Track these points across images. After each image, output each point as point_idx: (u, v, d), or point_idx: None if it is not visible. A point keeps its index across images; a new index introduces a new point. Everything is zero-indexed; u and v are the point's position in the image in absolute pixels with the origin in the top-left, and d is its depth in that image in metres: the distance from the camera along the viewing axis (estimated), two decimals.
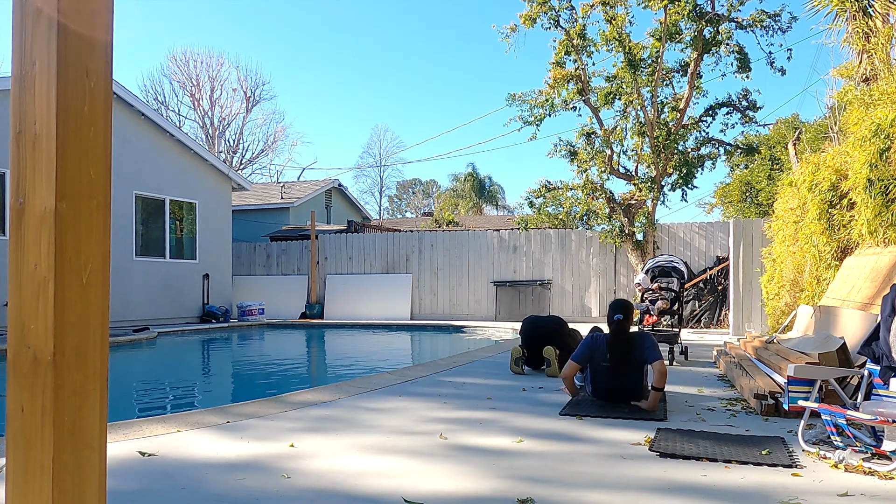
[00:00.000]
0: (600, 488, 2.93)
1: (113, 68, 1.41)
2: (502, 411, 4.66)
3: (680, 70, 14.85)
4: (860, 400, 3.68)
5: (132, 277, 13.63)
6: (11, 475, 1.37)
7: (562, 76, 14.90)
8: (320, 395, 5.22)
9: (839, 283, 6.71)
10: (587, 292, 15.31)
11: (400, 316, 16.27)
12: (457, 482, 3.01)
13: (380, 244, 17.11)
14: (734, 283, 11.21)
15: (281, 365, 9.97)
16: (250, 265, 18.23)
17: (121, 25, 17.44)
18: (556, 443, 3.77)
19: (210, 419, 4.28)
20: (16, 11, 1.38)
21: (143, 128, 14.11)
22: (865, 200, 5.94)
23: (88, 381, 1.35)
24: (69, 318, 1.32)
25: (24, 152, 1.36)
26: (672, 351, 7.41)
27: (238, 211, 20.03)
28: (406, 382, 5.94)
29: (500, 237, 16.15)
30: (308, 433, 3.95)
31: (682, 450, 3.51)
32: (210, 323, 14.68)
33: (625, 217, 14.74)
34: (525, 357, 6.74)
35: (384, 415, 4.51)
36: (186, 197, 15.18)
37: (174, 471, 3.15)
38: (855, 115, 6.49)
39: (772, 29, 14.11)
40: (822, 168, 7.61)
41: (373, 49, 63.66)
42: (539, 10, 14.64)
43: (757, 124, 15.30)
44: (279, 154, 56.27)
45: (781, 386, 4.62)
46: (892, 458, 3.15)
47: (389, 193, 52.13)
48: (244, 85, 35.73)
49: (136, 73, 53.88)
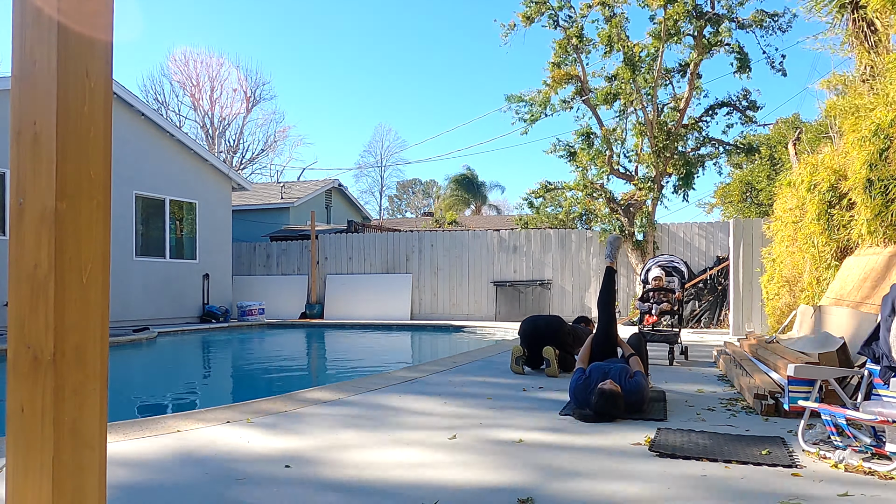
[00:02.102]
0: (600, 488, 2.93)
1: (113, 68, 1.41)
2: (502, 411, 4.66)
3: (679, 70, 14.85)
4: (860, 400, 3.68)
5: (132, 277, 13.63)
6: (11, 475, 1.37)
7: (560, 76, 14.91)
8: (320, 395, 5.24)
9: (839, 283, 6.71)
10: (587, 292, 15.31)
11: (400, 316, 16.27)
12: (457, 481, 3.01)
13: (380, 244, 17.11)
14: (734, 283, 11.21)
15: (281, 365, 9.97)
16: (250, 265, 18.23)
17: (121, 25, 17.43)
18: (555, 442, 3.77)
19: (208, 416, 4.30)
20: (16, 11, 1.38)
21: (143, 128, 14.11)
22: (865, 200, 5.94)
23: (88, 381, 1.36)
24: (69, 318, 1.32)
25: (24, 152, 1.36)
26: (672, 351, 7.42)
27: (238, 211, 20.02)
28: (406, 382, 5.94)
29: (500, 237, 16.15)
30: (307, 431, 3.96)
31: (682, 450, 3.51)
32: (210, 323, 14.68)
33: (625, 217, 14.74)
34: (525, 357, 6.74)
35: (384, 415, 4.52)
36: (186, 197, 15.18)
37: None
38: (848, 123, 6.53)
39: (772, 29, 14.11)
40: (820, 168, 7.62)
41: (373, 49, 63.68)
42: (537, 10, 14.65)
43: (757, 124, 15.30)
44: (280, 154, 56.23)
45: (781, 386, 4.62)
46: (892, 458, 3.15)
47: (389, 193, 52.18)
48: (244, 85, 35.75)
49: (136, 73, 53.89)
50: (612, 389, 4.36)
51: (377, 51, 64.08)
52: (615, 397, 4.35)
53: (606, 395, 4.33)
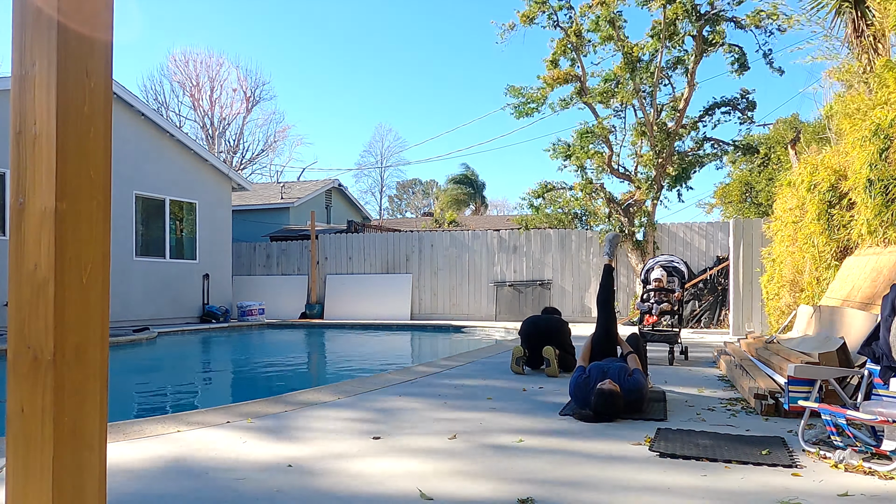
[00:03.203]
0: (600, 488, 2.93)
1: (113, 68, 1.41)
2: (502, 411, 4.66)
3: (679, 70, 14.85)
4: (860, 400, 3.67)
5: (132, 277, 13.62)
6: (11, 475, 1.37)
7: (559, 76, 14.90)
8: (320, 396, 5.24)
9: (839, 283, 6.71)
10: (587, 292, 15.31)
11: (400, 316, 16.27)
12: (457, 481, 3.00)
13: (380, 244, 17.11)
14: (734, 283, 11.21)
15: (281, 365, 9.97)
16: (250, 265, 18.23)
17: (121, 25, 17.43)
18: (556, 442, 3.77)
19: (210, 419, 4.29)
20: (16, 11, 1.38)
21: (143, 128, 14.10)
22: (865, 200, 5.94)
23: (88, 381, 1.36)
24: (69, 318, 1.32)
25: (24, 152, 1.36)
26: (672, 351, 7.42)
27: (238, 211, 20.02)
28: (406, 382, 5.94)
29: (500, 237, 16.15)
30: (305, 435, 3.96)
31: (682, 450, 3.51)
32: (210, 323, 14.68)
33: (624, 217, 14.74)
34: (526, 357, 6.74)
35: (383, 416, 4.52)
36: (186, 197, 15.17)
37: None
38: (846, 123, 6.53)
39: (770, 29, 14.10)
40: (820, 168, 7.62)
41: (373, 49, 63.68)
42: (537, 10, 14.65)
43: (756, 124, 15.30)
44: (280, 154, 56.22)
45: (781, 386, 4.62)
46: (892, 458, 3.15)
47: (389, 193, 52.17)
48: (244, 85, 35.76)
49: (136, 74, 53.87)
50: (611, 389, 4.36)
51: (377, 51, 64.11)
52: (614, 397, 4.35)
53: (605, 395, 4.33)
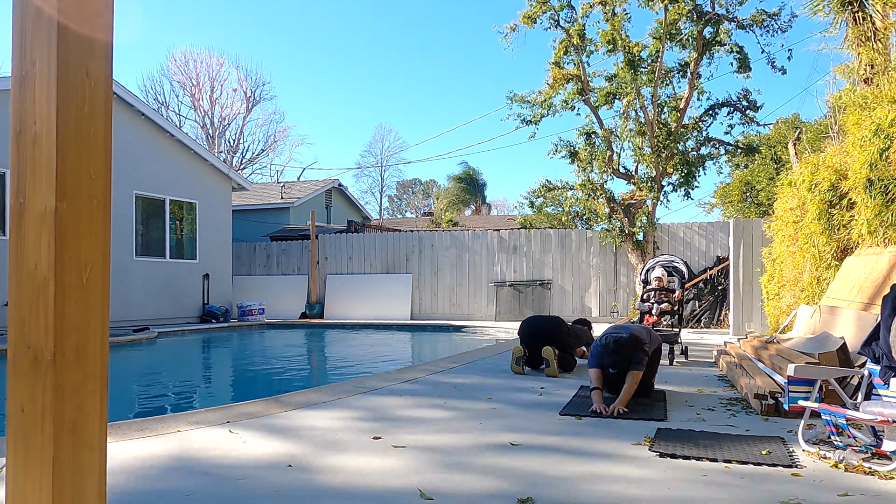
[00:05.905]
0: (600, 488, 2.93)
1: (113, 68, 1.41)
2: (502, 411, 4.66)
3: (680, 70, 14.85)
4: (860, 400, 3.67)
5: (132, 277, 13.62)
6: (11, 475, 1.37)
7: (561, 76, 14.90)
8: (320, 396, 5.23)
9: (839, 283, 6.70)
10: (587, 292, 15.31)
11: (400, 316, 16.27)
12: (457, 480, 3.00)
13: (380, 244, 17.11)
14: (734, 283, 11.20)
15: (281, 365, 9.97)
16: (250, 265, 18.23)
17: (121, 25, 17.44)
18: (556, 442, 3.76)
19: (210, 418, 4.29)
20: (16, 11, 1.38)
21: (144, 128, 14.10)
22: (865, 200, 5.94)
23: (88, 381, 1.35)
24: (69, 318, 1.32)
25: (24, 152, 1.36)
26: (672, 351, 7.41)
27: (238, 211, 20.02)
28: (405, 383, 5.94)
29: (501, 237, 16.15)
30: (304, 434, 3.96)
31: (682, 450, 3.51)
32: (210, 323, 14.68)
33: (625, 217, 14.74)
34: (525, 357, 6.74)
35: (383, 416, 4.51)
36: (186, 197, 15.18)
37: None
38: (853, 118, 6.50)
39: (771, 28, 14.11)
40: (821, 168, 7.61)
41: (373, 49, 63.66)
42: (539, 10, 14.65)
43: (758, 124, 15.30)
44: (280, 154, 56.22)
45: (781, 386, 4.61)
46: (892, 458, 3.15)
47: (390, 193, 52.16)
48: (244, 85, 35.78)
49: (136, 74, 53.88)
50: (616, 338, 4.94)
51: (377, 51, 64.09)
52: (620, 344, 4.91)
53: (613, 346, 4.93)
